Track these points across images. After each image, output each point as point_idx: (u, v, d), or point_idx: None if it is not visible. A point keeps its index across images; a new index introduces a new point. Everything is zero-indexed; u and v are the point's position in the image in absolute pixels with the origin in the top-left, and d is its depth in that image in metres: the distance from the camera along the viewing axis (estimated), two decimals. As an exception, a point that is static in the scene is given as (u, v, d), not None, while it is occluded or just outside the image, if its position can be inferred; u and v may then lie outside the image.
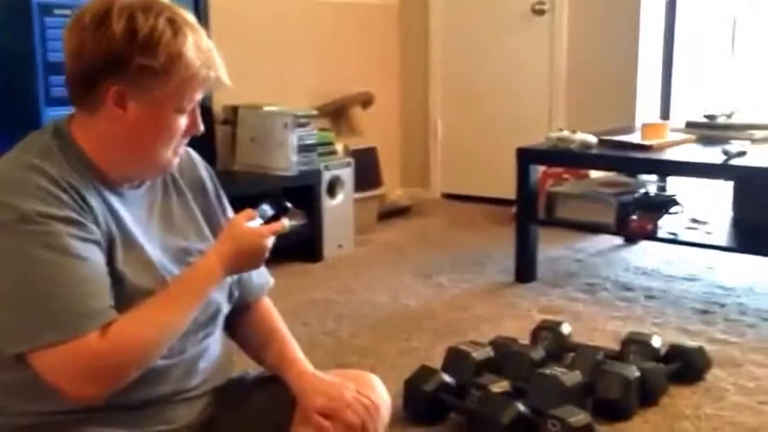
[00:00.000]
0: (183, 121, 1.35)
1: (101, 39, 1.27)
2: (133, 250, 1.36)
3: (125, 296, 1.32)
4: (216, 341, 1.53)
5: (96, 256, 1.28)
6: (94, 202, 1.32)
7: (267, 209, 1.47)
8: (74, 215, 1.27)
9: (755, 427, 2.10)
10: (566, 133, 3.28)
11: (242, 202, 1.67)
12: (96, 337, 1.23)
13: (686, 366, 2.38)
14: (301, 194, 3.73)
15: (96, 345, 1.23)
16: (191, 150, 1.54)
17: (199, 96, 1.36)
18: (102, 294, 1.26)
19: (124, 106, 1.30)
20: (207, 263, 1.38)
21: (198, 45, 1.32)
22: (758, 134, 3.23)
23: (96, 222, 1.31)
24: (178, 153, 1.41)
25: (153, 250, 1.40)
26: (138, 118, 1.31)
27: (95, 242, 1.29)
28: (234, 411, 1.53)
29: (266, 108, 3.78)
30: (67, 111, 1.38)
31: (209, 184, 1.57)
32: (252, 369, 1.68)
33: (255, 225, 1.43)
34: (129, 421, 1.36)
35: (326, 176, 3.82)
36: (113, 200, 1.36)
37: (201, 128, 1.41)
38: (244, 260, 1.43)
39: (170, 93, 1.30)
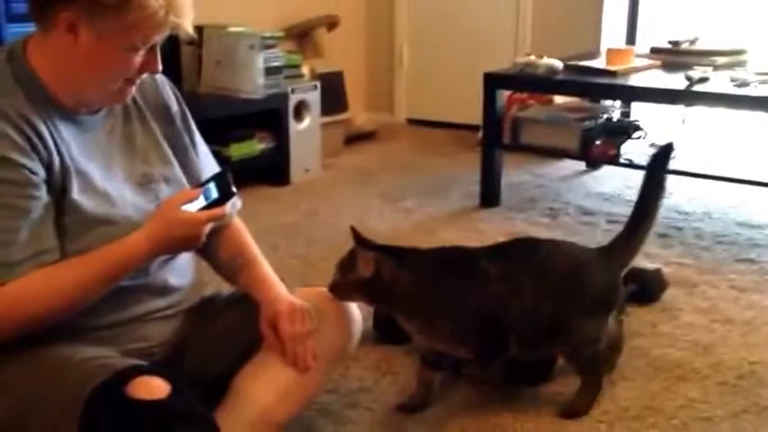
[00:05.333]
0: (136, 59, 1.33)
1: None
2: (89, 179, 1.35)
3: (83, 225, 1.32)
4: (185, 259, 1.55)
5: (26, 204, 1.26)
6: (47, 132, 1.30)
7: (213, 190, 1.39)
8: (14, 155, 1.25)
9: (707, 345, 2.19)
10: (532, 58, 3.29)
11: (208, 125, 1.65)
12: None
13: (644, 287, 2.45)
14: (268, 118, 3.71)
15: None
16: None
17: (158, 38, 1.33)
18: (13, 247, 1.25)
19: (76, 33, 1.28)
20: (134, 243, 1.34)
21: None
22: (720, 60, 3.27)
23: (48, 155, 1.29)
24: (132, 85, 1.38)
25: (112, 177, 1.39)
26: (88, 48, 1.29)
27: (34, 185, 1.27)
28: (208, 329, 1.56)
29: (232, 29, 3.71)
30: (29, 28, 1.35)
31: (175, 108, 1.55)
32: (225, 289, 1.72)
33: (194, 208, 1.37)
34: (106, 340, 1.39)
35: (293, 100, 3.78)
36: (69, 128, 1.35)
37: (159, 68, 1.38)
38: (175, 246, 1.40)
39: (122, 29, 1.28)
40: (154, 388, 1.21)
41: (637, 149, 3.28)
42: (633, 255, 1.93)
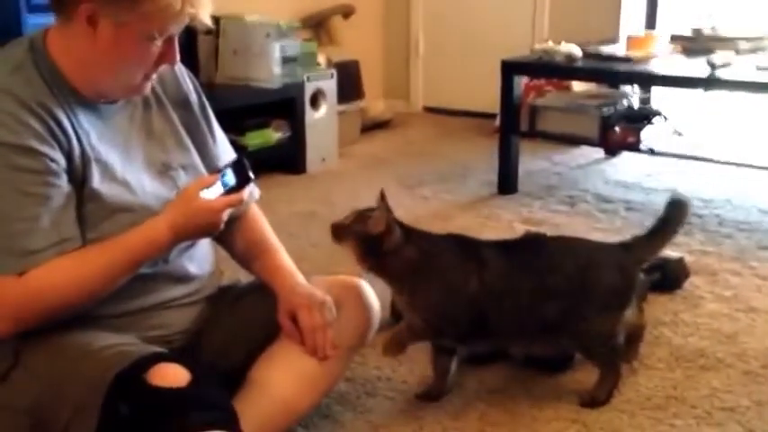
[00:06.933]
0: (153, 50, 1.33)
1: None
2: (109, 168, 1.35)
3: (103, 214, 1.33)
4: (204, 248, 1.55)
5: (46, 191, 1.26)
6: (68, 122, 1.30)
7: (230, 177, 1.39)
8: (34, 144, 1.25)
9: (731, 334, 2.16)
10: (550, 45, 3.26)
11: (225, 114, 1.65)
12: (12, 279, 1.24)
13: (666, 276, 2.42)
14: (284, 107, 3.69)
15: (9, 286, 1.24)
16: None
17: (175, 28, 1.32)
18: (34, 235, 1.25)
19: (95, 25, 1.28)
20: (154, 231, 1.35)
21: None
22: (743, 45, 3.22)
23: (68, 144, 1.29)
24: (151, 78, 1.38)
25: (132, 165, 1.40)
26: (108, 38, 1.29)
27: (54, 173, 1.27)
28: (226, 317, 1.56)
29: (248, 19, 3.70)
30: (49, 19, 1.36)
31: (194, 97, 1.55)
32: (243, 278, 1.71)
33: (212, 195, 1.37)
34: (125, 327, 1.39)
35: (309, 89, 3.76)
36: (89, 117, 1.35)
37: (177, 59, 1.38)
38: (194, 233, 1.41)
39: (139, 18, 1.28)
40: (174, 375, 1.21)
41: (657, 136, 3.25)
42: (652, 254, 1.91)
